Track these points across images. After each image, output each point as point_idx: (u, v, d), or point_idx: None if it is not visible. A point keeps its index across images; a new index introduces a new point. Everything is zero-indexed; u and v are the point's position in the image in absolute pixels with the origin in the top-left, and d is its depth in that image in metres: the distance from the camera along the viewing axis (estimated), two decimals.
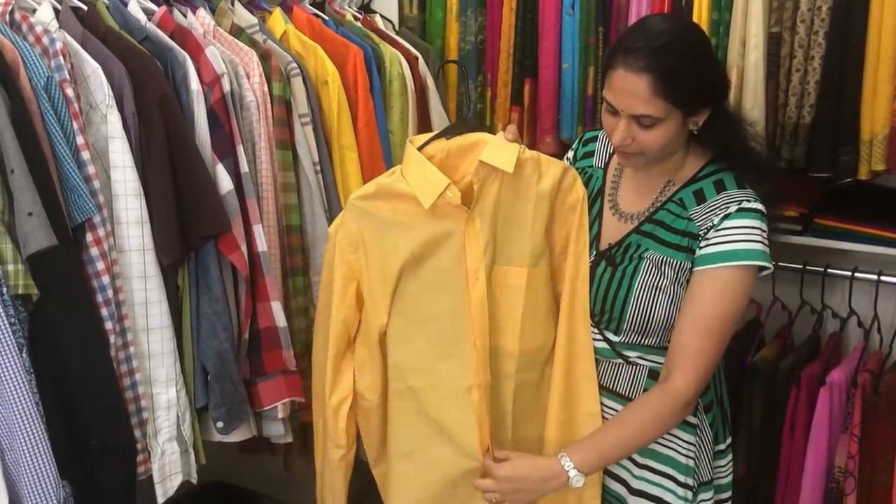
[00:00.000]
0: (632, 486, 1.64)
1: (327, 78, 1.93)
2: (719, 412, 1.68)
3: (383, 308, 1.54)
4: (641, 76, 1.41)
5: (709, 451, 1.64)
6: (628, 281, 1.55)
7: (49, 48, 1.50)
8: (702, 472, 1.63)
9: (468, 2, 2.28)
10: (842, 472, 1.93)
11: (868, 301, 2.08)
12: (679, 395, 1.50)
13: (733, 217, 1.48)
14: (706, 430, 1.62)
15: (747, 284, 1.49)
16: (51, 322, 1.46)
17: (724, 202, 1.50)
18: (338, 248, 1.54)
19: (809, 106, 1.90)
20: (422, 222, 1.50)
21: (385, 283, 1.52)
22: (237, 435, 1.76)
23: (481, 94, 2.32)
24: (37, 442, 1.40)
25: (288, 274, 1.85)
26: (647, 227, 1.58)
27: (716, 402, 1.66)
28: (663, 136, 1.47)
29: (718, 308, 1.49)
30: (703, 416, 1.62)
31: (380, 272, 1.52)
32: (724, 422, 1.70)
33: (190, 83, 1.67)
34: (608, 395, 1.64)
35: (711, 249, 1.49)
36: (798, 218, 2.07)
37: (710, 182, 1.54)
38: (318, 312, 1.65)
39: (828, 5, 1.86)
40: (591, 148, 1.73)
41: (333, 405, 1.61)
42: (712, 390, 1.65)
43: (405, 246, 1.50)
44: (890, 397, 1.89)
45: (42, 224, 1.38)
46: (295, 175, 1.85)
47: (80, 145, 1.50)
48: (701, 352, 1.49)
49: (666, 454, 1.61)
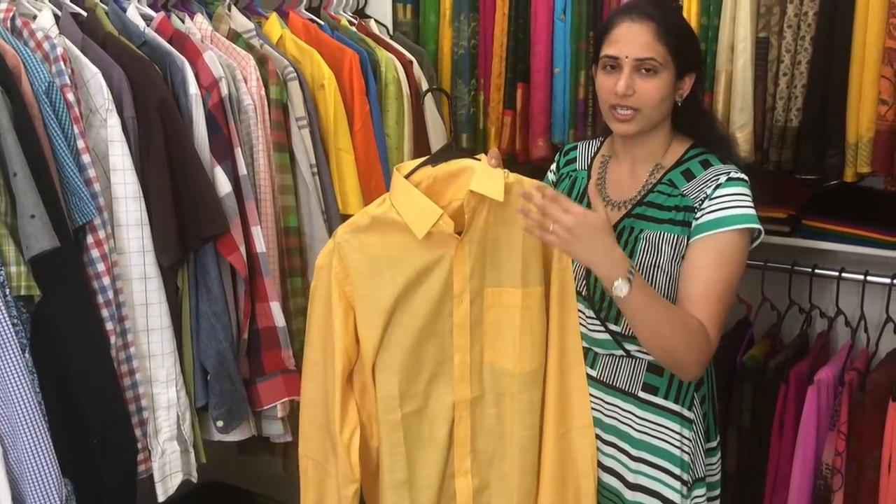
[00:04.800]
0: (628, 479, 1.66)
1: (323, 82, 1.95)
2: (710, 409, 1.71)
3: (376, 340, 1.52)
4: (645, 23, 1.56)
5: (703, 445, 1.67)
6: None
7: (50, 54, 1.52)
8: (697, 468, 1.65)
9: (461, 7, 2.31)
10: (829, 469, 1.96)
11: (855, 301, 2.11)
12: (710, 343, 1.52)
13: (724, 186, 1.57)
14: (700, 424, 1.65)
15: (745, 247, 1.57)
16: (53, 323, 1.48)
17: (713, 175, 1.59)
18: (334, 280, 1.51)
19: (797, 109, 1.93)
20: (413, 253, 1.50)
21: (379, 315, 1.51)
22: (237, 434, 1.79)
23: (474, 98, 2.35)
24: (39, 441, 1.42)
25: (286, 275, 1.87)
26: (639, 210, 1.63)
27: (709, 397, 1.69)
28: (660, 88, 1.56)
29: (725, 272, 1.54)
30: (699, 410, 1.64)
31: (373, 305, 1.51)
32: (714, 419, 1.73)
33: (188, 87, 1.69)
34: (607, 390, 1.68)
35: (709, 217, 1.56)
36: (786, 219, 2.10)
37: (697, 161, 1.63)
38: (309, 346, 1.58)
39: (814, 11, 1.89)
40: (573, 156, 1.81)
41: (346, 440, 1.54)
42: (705, 385, 1.68)
43: (398, 280, 1.51)
44: (876, 395, 1.92)
45: (44, 226, 1.41)
46: (292, 177, 1.87)
47: (81, 149, 1.52)
48: (716, 317, 1.53)
49: (662, 448, 1.63)
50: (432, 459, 1.57)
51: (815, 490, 1.98)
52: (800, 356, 2.12)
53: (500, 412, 1.58)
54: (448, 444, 1.57)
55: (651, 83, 1.56)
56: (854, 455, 1.94)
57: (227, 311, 1.71)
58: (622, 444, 1.67)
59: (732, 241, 1.54)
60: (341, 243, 1.50)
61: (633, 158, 1.67)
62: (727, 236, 1.54)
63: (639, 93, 1.56)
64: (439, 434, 1.56)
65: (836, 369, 2.00)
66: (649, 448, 1.64)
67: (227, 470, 2.39)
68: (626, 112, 1.58)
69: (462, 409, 1.56)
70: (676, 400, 1.63)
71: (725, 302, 1.54)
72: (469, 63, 2.33)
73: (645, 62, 1.55)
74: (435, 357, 1.55)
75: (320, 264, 1.53)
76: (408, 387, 1.54)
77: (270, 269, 1.78)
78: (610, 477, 1.69)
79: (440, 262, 1.51)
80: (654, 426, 1.64)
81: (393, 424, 1.54)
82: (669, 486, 1.63)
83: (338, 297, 1.50)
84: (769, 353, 2.14)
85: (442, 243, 1.50)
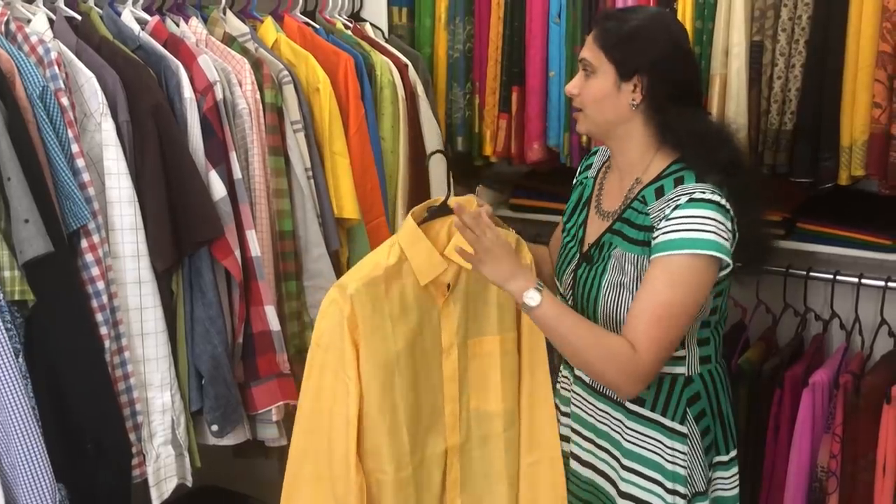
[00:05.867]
0: (620, 487, 1.66)
1: (318, 85, 1.95)
2: (717, 423, 1.66)
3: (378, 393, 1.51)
4: (595, 27, 1.62)
5: (702, 460, 1.63)
6: (598, 279, 1.60)
7: (44, 58, 1.52)
8: (696, 482, 1.62)
9: (456, 10, 2.31)
10: (824, 472, 1.96)
11: (849, 304, 2.12)
12: (637, 362, 1.47)
13: (683, 207, 1.50)
14: (697, 439, 1.62)
15: (700, 274, 1.49)
16: (46, 327, 1.48)
17: (677, 194, 1.53)
18: (347, 328, 1.48)
19: (791, 113, 1.94)
20: (410, 307, 1.54)
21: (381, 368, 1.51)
22: (232, 438, 1.78)
23: (469, 101, 2.35)
24: (33, 445, 1.42)
25: (281, 278, 1.87)
26: (617, 226, 1.62)
27: (710, 412, 1.65)
28: (595, 89, 1.59)
29: (668, 296, 1.48)
30: (694, 425, 1.62)
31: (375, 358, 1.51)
32: (725, 433, 1.68)
33: (183, 91, 1.69)
34: (598, 396, 1.68)
35: (662, 238, 1.51)
36: (781, 222, 2.10)
37: (672, 179, 1.58)
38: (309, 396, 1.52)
39: (808, 14, 1.90)
40: (591, 162, 1.81)
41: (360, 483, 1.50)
42: (704, 400, 1.64)
43: (398, 335, 1.53)
44: (871, 398, 1.93)
45: (38, 231, 1.41)
46: (287, 181, 1.87)
47: (75, 153, 1.52)
48: (652, 339, 1.48)
49: (653, 459, 1.62)
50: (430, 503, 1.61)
51: (810, 492, 1.98)
52: (795, 359, 2.13)
53: (486, 453, 1.64)
54: (441, 489, 1.62)
55: (588, 83, 1.60)
56: (849, 458, 1.95)
57: (221, 314, 1.71)
58: (614, 451, 1.67)
59: (681, 265, 1.48)
60: (353, 295, 1.48)
61: (620, 169, 1.67)
62: (678, 259, 1.48)
63: (582, 93, 1.61)
64: (435, 481, 1.61)
65: (830, 372, 2.00)
66: (640, 459, 1.63)
67: (223, 474, 2.39)
68: (576, 112, 1.65)
69: (453, 456, 1.62)
70: (664, 413, 1.61)
71: (667, 325, 1.48)
72: (464, 66, 2.33)
73: (582, 62, 1.61)
74: (430, 409, 1.59)
75: (326, 312, 1.50)
76: (414, 442, 1.56)
77: (265, 273, 1.78)
78: (604, 481, 1.69)
79: (430, 317, 1.57)
80: (643, 437, 1.63)
81: (406, 481, 1.54)
82: (661, 497, 1.62)
83: (350, 344, 1.48)
84: (764, 357, 2.14)
85: (433, 295, 1.56)
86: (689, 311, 1.50)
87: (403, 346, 1.53)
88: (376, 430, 1.50)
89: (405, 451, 1.54)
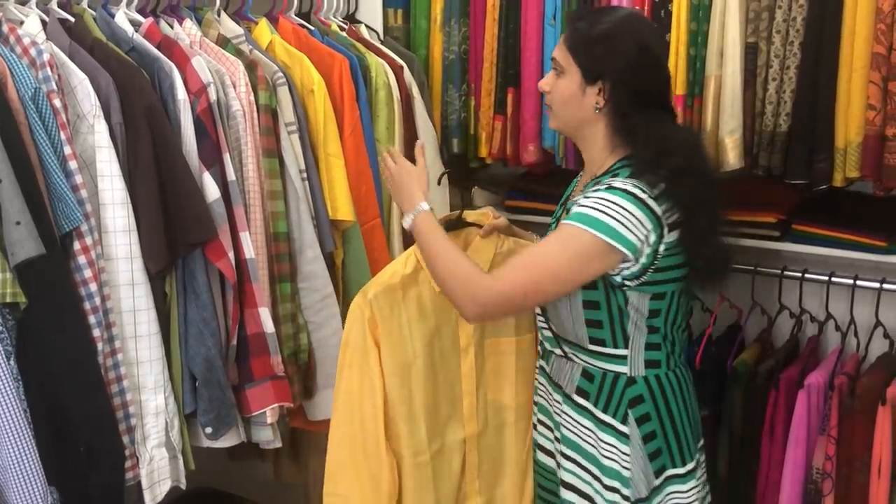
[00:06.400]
0: (563, 477, 1.70)
1: (313, 87, 1.95)
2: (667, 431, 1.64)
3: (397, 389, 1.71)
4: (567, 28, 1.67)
5: (644, 465, 1.63)
6: None
7: (37, 59, 1.52)
8: (638, 486, 1.62)
9: (452, 12, 2.31)
10: (820, 474, 1.96)
11: (845, 305, 2.12)
12: (486, 290, 1.53)
13: (601, 191, 1.53)
14: (639, 442, 1.62)
15: (589, 253, 1.51)
16: (38, 330, 1.47)
17: (604, 183, 1.56)
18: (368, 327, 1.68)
19: (786, 114, 1.94)
20: (428, 312, 1.74)
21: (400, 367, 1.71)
22: (226, 441, 1.78)
23: (465, 103, 2.35)
24: (24, 448, 1.42)
25: (275, 280, 1.86)
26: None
27: (658, 418, 1.64)
28: (564, 89, 1.62)
29: (550, 256, 1.54)
30: (635, 426, 1.62)
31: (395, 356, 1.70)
32: (679, 444, 1.66)
33: (177, 93, 1.69)
34: (554, 386, 1.74)
35: (572, 210, 1.55)
36: (776, 224, 2.10)
37: (610, 174, 1.60)
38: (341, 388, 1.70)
39: (802, 16, 1.90)
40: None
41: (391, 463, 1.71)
42: (649, 404, 1.63)
43: (415, 336, 1.72)
44: (866, 399, 1.92)
45: (30, 233, 1.41)
46: (282, 183, 1.87)
47: (68, 155, 1.52)
48: (512, 279, 1.54)
49: (589, 451, 1.66)
50: (449, 487, 1.80)
51: (805, 494, 1.98)
52: (790, 361, 2.13)
53: (500, 441, 1.85)
54: (461, 472, 1.82)
55: (558, 83, 1.64)
56: (844, 459, 1.95)
57: (215, 316, 1.70)
58: (558, 445, 1.73)
59: (570, 235, 1.52)
60: (373, 300, 1.68)
61: (586, 167, 1.71)
62: (576, 231, 1.51)
63: (552, 91, 1.66)
64: (454, 467, 1.80)
65: (825, 374, 2.00)
66: (577, 448, 1.67)
67: (218, 476, 2.39)
68: (547, 108, 1.70)
69: (471, 443, 1.81)
70: (606, 409, 1.63)
71: (534, 278, 1.53)
72: (460, 68, 2.33)
73: (553, 61, 1.64)
74: (448, 401, 1.79)
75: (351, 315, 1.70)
76: (433, 430, 1.76)
77: (259, 275, 1.77)
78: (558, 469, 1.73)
79: (449, 319, 1.76)
80: (578, 426, 1.66)
81: (423, 465, 1.75)
82: (599, 493, 1.64)
83: (371, 342, 1.68)
84: (759, 358, 2.14)
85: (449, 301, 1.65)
86: (559, 279, 1.53)
87: (421, 346, 1.72)
88: (396, 418, 1.70)
89: (422, 439, 1.73)
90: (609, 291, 1.59)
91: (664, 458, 1.65)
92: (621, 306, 1.59)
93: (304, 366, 1.92)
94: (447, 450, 1.78)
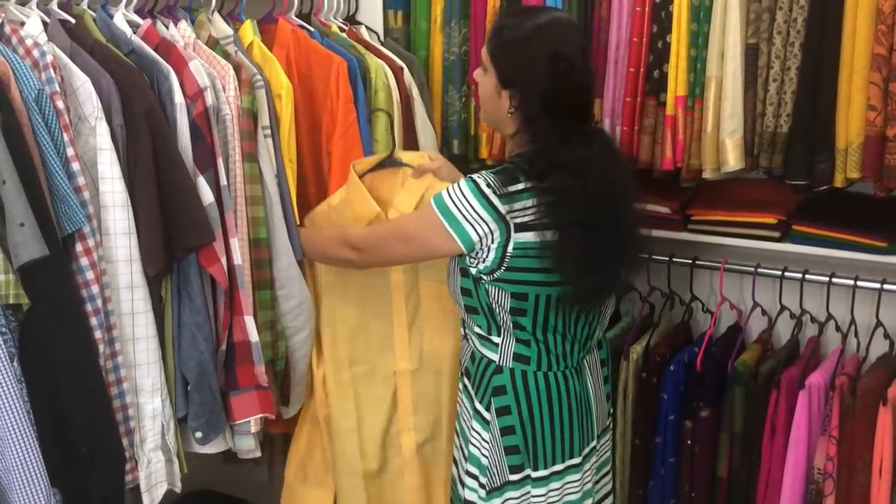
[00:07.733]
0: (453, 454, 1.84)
1: (281, 91, 1.90)
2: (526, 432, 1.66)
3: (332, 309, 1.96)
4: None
5: (499, 457, 1.65)
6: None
7: (39, 61, 1.51)
8: (492, 475, 1.65)
9: (452, 13, 2.31)
10: (821, 474, 1.96)
11: (845, 306, 2.12)
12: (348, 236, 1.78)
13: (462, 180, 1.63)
14: (496, 433, 1.66)
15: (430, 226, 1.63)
16: (41, 331, 1.47)
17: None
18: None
19: (786, 115, 1.94)
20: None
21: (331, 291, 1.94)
22: (213, 446, 1.77)
23: (465, 104, 2.34)
24: (28, 450, 1.41)
25: (255, 287, 1.81)
26: None
27: (518, 415, 1.66)
28: (485, 88, 1.70)
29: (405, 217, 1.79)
30: (495, 416, 1.66)
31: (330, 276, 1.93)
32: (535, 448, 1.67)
33: (174, 96, 1.67)
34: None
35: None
36: (776, 225, 2.11)
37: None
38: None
39: (803, 17, 1.90)
40: None
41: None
42: (511, 398, 1.66)
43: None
44: (867, 400, 1.93)
45: (33, 234, 1.40)
46: (261, 188, 1.82)
47: (71, 157, 1.51)
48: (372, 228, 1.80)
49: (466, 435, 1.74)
50: (378, 416, 1.96)
51: (806, 495, 1.99)
52: (790, 361, 2.13)
53: (437, 386, 1.97)
54: (393, 404, 1.96)
55: (482, 80, 1.71)
56: (845, 460, 1.95)
57: (208, 321, 1.68)
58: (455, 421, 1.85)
59: (427, 212, 1.64)
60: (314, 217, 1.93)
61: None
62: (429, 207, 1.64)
63: (479, 85, 1.73)
64: (386, 396, 1.96)
65: (826, 374, 2.01)
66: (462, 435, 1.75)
67: (215, 478, 2.39)
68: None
69: (404, 378, 1.95)
70: (477, 393, 1.70)
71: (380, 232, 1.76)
72: (460, 69, 2.33)
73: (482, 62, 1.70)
74: (379, 333, 1.95)
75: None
76: (359, 354, 1.95)
77: (245, 282, 1.74)
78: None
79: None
80: (465, 415, 1.74)
81: (344, 382, 1.95)
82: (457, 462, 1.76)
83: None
84: (760, 359, 2.14)
85: None
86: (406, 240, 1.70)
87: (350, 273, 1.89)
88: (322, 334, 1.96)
89: (341, 359, 1.94)
90: (475, 281, 1.65)
91: (522, 457, 1.67)
92: (485, 297, 1.64)
93: (282, 373, 1.89)
94: (378, 377, 1.95)
